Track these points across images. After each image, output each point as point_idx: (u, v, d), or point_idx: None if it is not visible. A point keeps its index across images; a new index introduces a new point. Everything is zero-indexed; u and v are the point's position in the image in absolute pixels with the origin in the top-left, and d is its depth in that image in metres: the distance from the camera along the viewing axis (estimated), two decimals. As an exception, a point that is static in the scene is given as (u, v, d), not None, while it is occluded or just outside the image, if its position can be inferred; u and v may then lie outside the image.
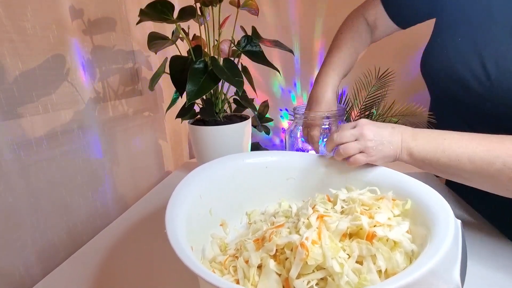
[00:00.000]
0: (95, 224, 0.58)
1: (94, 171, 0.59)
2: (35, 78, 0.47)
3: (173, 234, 0.30)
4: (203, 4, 0.57)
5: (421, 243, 0.30)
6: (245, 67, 0.67)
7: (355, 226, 0.31)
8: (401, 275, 0.24)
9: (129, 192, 0.70)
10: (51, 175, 0.49)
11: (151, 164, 0.82)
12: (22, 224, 0.44)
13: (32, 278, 0.45)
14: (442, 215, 0.29)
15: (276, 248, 0.32)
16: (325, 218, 0.33)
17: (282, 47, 0.66)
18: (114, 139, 0.66)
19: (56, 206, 0.51)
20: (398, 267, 0.28)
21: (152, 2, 0.52)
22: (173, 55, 0.61)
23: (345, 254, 0.30)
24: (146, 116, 0.80)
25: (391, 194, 0.37)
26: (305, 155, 0.50)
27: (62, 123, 0.52)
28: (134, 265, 0.45)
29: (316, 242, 0.30)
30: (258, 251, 0.33)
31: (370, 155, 0.42)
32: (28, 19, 0.46)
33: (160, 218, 0.32)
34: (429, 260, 0.24)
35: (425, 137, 0.41)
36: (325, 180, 0.46)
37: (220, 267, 0.35)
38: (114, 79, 0.67)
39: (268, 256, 0.32)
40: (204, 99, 0.66)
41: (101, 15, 0.63)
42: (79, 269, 0.45)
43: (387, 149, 0.41)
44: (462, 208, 0.55)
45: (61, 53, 0.52)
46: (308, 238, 0.29)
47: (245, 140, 0.68)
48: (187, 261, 0.26)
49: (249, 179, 0.48)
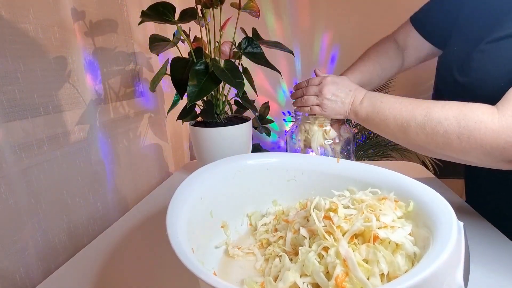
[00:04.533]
0: (96, 225, 0.58)
1: (95, 172, 0.59)
2: (36, 80, 0.47)
3: (174, 236, 0.30)
4: (204, 6, 0.57)
5: (423, 245, 0.30)
6: (246, 69, 0.67)
7: (364, 228, 0.31)
8: (403, 279, 0.24)
9: (130, 194, 0.70)
10: (52, 176, 0.50)
11: (152, 166, 0.82)
12: (22, 225, 0.44)
13: (32, 280, 0.45)
14: (445, 217, 0.29)
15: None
16: (342, 225, 0.33)
17: (283, 48, 0.66)
18: (115, 141, 0.66)
19: (57, 207, 0.50)
20: (400, 270, 0.28)
21: (154, 4, 0.52)
22: (174, 57, 0.61)
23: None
24: (147, 118, 0.80)
25: (393, 195, 0.37)
26: (306, 156, 0.50)
27: (64, 124, 0.52)
28: (135, 267, 0.45)
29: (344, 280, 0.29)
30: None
31: (324, 110, 0.52)
32: (30, 21, 0.46)
33: (161, 219, 0.32)
34: (432, 263, 0.24)
35: (369, 99, 0.49)
36: (326, 181, 0.46)
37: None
38: (115, 81, 0.68)
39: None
40: (205, 101, 0.66)
41: (102, 17, 0.63)
42: (79, 271, 0.45)
43: (338, 107, 0.51)
44: (464, 210, 0.54)
45: (63, 54, 0.52)
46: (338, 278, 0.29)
47: (246, 141, 0.68)
48: (188, 263, 0.26)
49: (250, 180, 0.47)
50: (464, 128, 0.39)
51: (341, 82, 0.52)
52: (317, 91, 0.53)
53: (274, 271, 0.36)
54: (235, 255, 0.41)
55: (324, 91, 0.52)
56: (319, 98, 0.52)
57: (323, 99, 0.52)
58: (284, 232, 0.42)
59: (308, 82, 0.56)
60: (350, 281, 0.28)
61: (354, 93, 0.51)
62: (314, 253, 0.32)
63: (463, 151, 0.40)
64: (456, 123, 0.39)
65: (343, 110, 0.51)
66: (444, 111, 0.40)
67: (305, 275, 0.31)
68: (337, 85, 0.52)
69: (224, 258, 0.41)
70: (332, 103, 0.51)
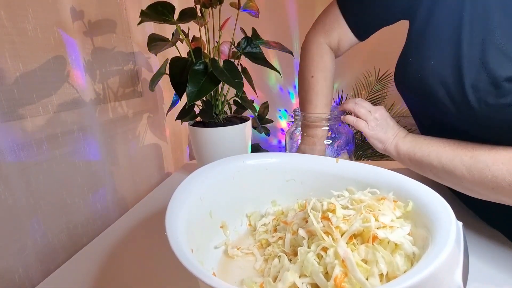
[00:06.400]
0: (95, 225, 0.58)
1: (94, 172, 0.59)
2: (35, 80, 0.47)
3: (173, 236, 0.30)
4: (203, 6, 0.57)
5: (423, 245, 0.30)
6: (245, 69, 0.67)
7: (362, 228, 0.31)
8: (402, 279, 0.24)
9: (129, 194, 0.70)
10: (51, 176, 0.49)
11: (151, 166, 0.82)
12: (22, 225, 0.44)
13: (31, 280, 0.44)
14: (443, 217, 0.29)
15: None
16: (341, 225, 0.33)
17: (282, 48, 0.66)
18: (114, 141, 0.66)
19: (56, 207, 0.50)
20: (399, 270, 0.28)
21: (153, 4, 0.52)
22: (173, 57, 0.61)
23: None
24: (146, 118, 0.80)
25: (391, 195, 0.37)
26: (306, 156, 0.50)
27: (63, 124, 0.52)
28: (134, 267, 0.45)
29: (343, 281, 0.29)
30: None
31: (369, 128, 0.51)
32: (29, 20, 0.46)
33: (160, 220, 0.32)
34: (431, 263, 0.24)
35: (413, 137, 0.49)
36: (325, 181, 0.46)
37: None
38: (114, 81, 0.67)
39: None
40: (204, 101, 0.66)
41: (101, 16, 0.63)
42: (79, 271, 0.45)
43: (382, 133, 0.51)
44: (463, 210, 0.55)
45: (62, 54, 0.52)
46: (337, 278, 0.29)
47: (245, 141, 0.68)
48: (187, 263, 0.26)
49: (249, 180, 0.47)
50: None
51: (391, 117, 0.53)
52: (369, 109, 0.52)
53: (274, 271, 0.36)
54: (234, 255, 0.41)
55: (377, 113, 0.51)
56: (369, 115, 0.51)
57: (372, 118, 0.51)
58: (283, 232, 0.42)
59: (361, 101, 0.54)
60: (349, 281, 0.28)
61: (399, 129, 0.51)
62: (313, 254, 0.32)
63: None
64: (506, 170, 0.36)
65: (384, 137, 0.50)
66: (492, 154, 0.38)
67: (304, 276, 0.31)
68: (389, 116, 0.52)
69: (223, 259, 0.41)
70: (378, 126, 0.51)
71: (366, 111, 0.52)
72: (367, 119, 0.51)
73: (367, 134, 0.51)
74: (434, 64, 0.41)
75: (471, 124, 0.40)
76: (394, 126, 0.51)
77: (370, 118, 0.51)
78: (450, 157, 0.41)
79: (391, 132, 0.50)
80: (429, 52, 0.42)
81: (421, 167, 0.46)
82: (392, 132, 0.50)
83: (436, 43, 0.42)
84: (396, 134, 0.50)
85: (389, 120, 0.52)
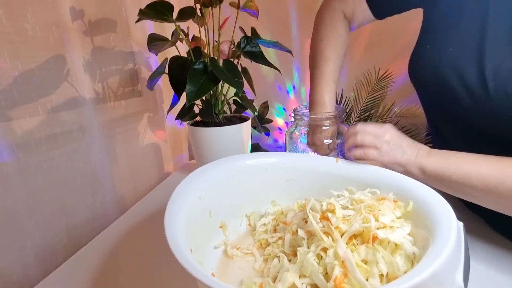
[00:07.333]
0: (94, 225, 0.58)
1: (94, 172, 0.59)
2: (35, 79, 0.47)
3: (172, 236, 0.29)
4: (203, 5, 0.57)
5: (423, 245, 0.30)
6: (245, 68, 0.67)
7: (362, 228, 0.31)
8: (402, 279, 0.24)
9: (128, 194, 0.70)
10: (51, 176, 0.49)
11: (151, 165, 0.82)
12: (21, 225, 0.44)
13: (31, 279, 0.44)
14: (444, 217, 0.29)
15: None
16: (341, 226, 0.33)
17: (282, 47, 0.66)
18: (114, 140, 0.66)
19: (56, 207, 0.50)
20: (399, 271, 0.28)
21: (152, 3, 0.52)
22: (172, 56, 0.61)
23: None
24: (146, 117, 0.80)
25: (392, 195, 0.36)
26: (305, 156, 0.50)
27: (62, 124, 0.52)
28: (133, 267, 0.45)
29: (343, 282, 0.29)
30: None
31: (382, 155, 0.43)
32: (28, 20, 0.46)
33: (159, 219, 0.32)
34: (431, 263, 0.24)
35: (438, 154, 0.42)
36: (325, 181, 0.46)
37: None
38: (114, 80, 0.67)
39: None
40: (204, 100, 0.66)
41: (101, 16, 0.63)
42: (78, 270, 0.45)
43: (399, 156, 0.43)
44: (463, 210, 0.54)
45: (61, 54, 0.52)
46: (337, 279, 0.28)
47: (245, 141, 0.68)
48: (186, 263, 0.26)
49: (249, 180, 0.47)
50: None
51: (403, 134, 0.46)
52: (375, 134, 0.44)
53: (273, 271, 0.36)
54: (233, 255, 0.41)
55: (386, 135, 0.44)
56: (377, 140, 0.44)
57: (382, 142, 0.43)
58: (283, 232, 0.42)
59: (362, 127, 0.46)
60: (349, 282, 0.28)
61: (417, 146, 0.44)
62: (313, 254, 0.32)
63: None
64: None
65: (403, 160, 0.43)
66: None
67: (304, 276, 0.31)
68: (400, 134, 0.45)
69: (222, 259, 0.41)
70: (392, 150, 0.43)
71: (372, 137, 0.44)
72: (376, 146, 0.44)
73: (383, 162, 0.44)
74: (453, 50, 0.40)
75: (483, 116, 0.39)
76: (410, 143, 0.44)
77: (379, 143, 0.43)
78: (495, 177, 0.36)
79: (409, 152, 0.43)
80: (448, 38, 0.41)
81: (456, 190, 0.40)
82: (410, 152, 0.43)
83: (457, 28, 0.41)
84: (417, 153, 0.43)
85: (402, 138, 0.44)
